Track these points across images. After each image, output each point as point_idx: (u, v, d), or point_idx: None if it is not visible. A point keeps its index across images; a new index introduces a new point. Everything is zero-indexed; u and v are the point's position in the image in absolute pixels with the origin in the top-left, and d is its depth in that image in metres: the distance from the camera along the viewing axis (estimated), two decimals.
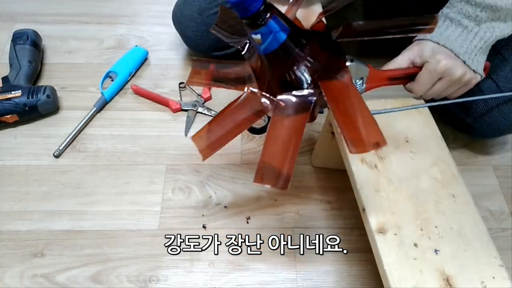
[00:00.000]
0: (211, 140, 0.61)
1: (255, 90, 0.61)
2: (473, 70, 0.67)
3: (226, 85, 0.64)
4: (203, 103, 0.99)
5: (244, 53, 0.64)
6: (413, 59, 0.68)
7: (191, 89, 1.01)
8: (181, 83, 1.02)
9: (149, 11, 1.19)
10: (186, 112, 0.98)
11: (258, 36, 0.51)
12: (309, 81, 0.56)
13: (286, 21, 0.52)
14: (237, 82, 0.63)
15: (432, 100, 0.72)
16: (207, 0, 0.92)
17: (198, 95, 1.00)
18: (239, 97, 0.62)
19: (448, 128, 0.94)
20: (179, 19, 0.97)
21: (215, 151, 0.60)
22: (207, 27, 0.86)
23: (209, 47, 0.99)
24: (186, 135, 0.94)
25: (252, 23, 0.51)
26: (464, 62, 0.66)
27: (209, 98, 1.01)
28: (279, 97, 0.56)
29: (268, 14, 0.50)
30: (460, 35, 0.66)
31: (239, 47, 0.64)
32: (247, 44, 0.64)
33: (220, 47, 0.98)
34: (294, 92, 0.56)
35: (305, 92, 0.56)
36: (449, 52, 0.66)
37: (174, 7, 0.99)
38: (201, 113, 0.98)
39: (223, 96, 1.00)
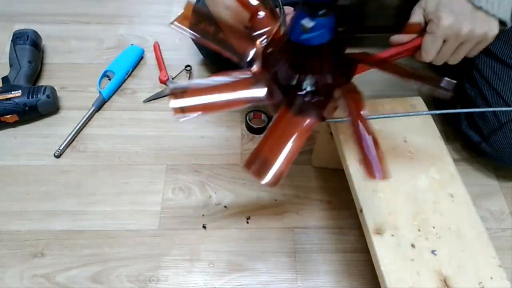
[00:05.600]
0: (192, 103, 0.51)
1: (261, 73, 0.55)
2: (493, 16, 0.56)
3: (219, 46, 0.57)
4: None
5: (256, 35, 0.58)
6: (420, 18, 0.60)
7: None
8: (187, 66, 1.05)
9: (149, 11, 1.19)
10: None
11: (311, 24, 0.49)
12: (319, 89, 0.55)
13: (335, 27, 0.51)
14: (235, 53, 0.57)
15: (436, 100, 0.68)
16: None
17: None
18: (240, 71, 0.56)
19: (447, 128, 0.94)
20: None
21: (188, 114, 0.50)
22: None
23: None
24: (144, 102, 0.99)
25: (314, 9, 0.48)
26: (481, 8, 0.56)
27: None
28: (298, 93, 0.54)
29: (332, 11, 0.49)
30: None
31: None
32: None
33: None
34: (306, 94, 0.54)
35: (319, 98, 0.54)
36: (458, 1, 0.56)
37: None
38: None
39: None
